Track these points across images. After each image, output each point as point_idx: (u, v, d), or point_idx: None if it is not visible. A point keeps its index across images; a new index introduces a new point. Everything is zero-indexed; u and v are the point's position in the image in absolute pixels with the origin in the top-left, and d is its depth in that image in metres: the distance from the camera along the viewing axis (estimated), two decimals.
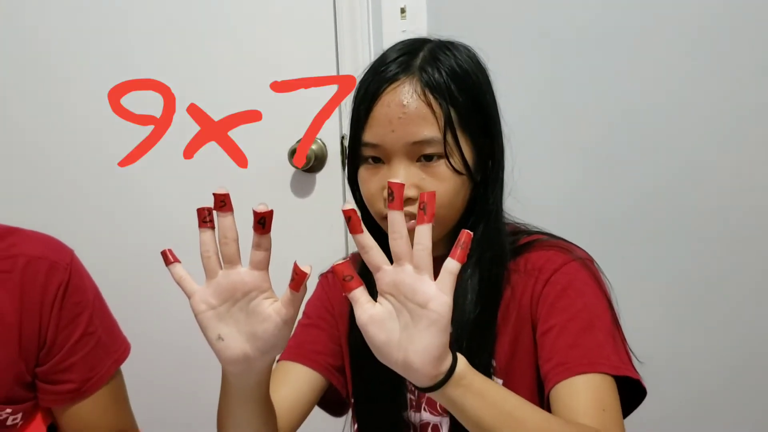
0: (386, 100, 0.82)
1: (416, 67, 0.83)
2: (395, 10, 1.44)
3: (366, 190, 0.86)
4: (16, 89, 1.66)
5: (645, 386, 0.82)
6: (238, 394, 0.76)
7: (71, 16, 1.62)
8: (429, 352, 0.62)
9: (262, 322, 0.68)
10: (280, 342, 0.70)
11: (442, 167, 0.82)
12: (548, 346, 0.82)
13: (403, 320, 0.64)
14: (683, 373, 1.40)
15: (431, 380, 0.64)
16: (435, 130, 0.81)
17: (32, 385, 0.97)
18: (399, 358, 0.64)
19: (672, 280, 1.39)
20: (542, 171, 1.36)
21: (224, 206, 0.67)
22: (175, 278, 0.70)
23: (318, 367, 0.95)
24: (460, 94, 0.83)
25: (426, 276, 0.63)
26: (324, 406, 1.04)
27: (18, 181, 1.69)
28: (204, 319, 0.69)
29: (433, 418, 0.91)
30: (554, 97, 1.38)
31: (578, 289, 0.84)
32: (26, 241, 0.95)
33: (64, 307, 0.94)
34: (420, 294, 0.63)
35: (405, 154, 0.82)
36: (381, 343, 0.64)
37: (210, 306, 0.69)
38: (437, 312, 0.62)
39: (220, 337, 0.69)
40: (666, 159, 1.36)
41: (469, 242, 0.63)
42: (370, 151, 0.84)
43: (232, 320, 0.69)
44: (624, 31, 1.34)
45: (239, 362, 0.70)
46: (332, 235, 1.56)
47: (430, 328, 0.62)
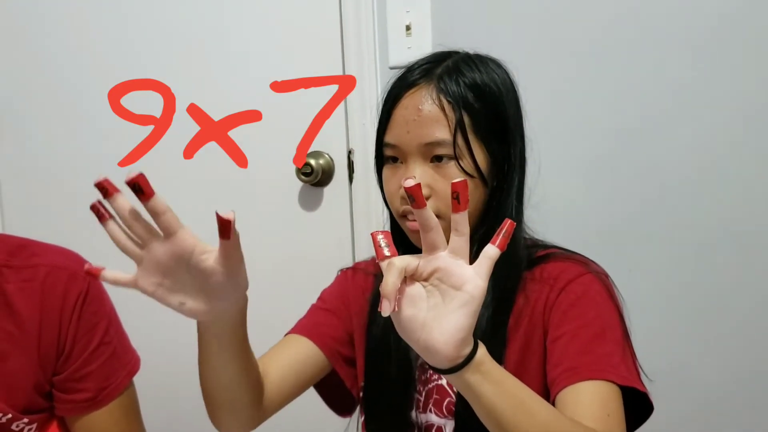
0: (405, 104, 0.87)
1: (436, 75, 0.88)
2: (400, 27, 1.47)
3: (386, 189, 0.91)
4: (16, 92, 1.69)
5: (652, 401, 0.84)
6: (213, 342, 0.77)
7: (72, 16, 1.65)
8: (454, 333, 0.63)
9: (209, 277, 0.67)
10: (239, 283, 0.69)
11: (452, 168, 0.85)
12: (558, 353, 0.84)
13: (433, 301, 0.65)
14: (689, 384, 1.40)
15: (450, 363, 0.65)
16: (446, 132, 0.85)
17: (49, 394, 0.98)
18: (421, 337, 0.64)
19: (678, 289, 1.40)
20: (547, 179, 1.36)
21: (107, 192, 0.64)
22: (111, 282, 0.69)
23: (324, 347, 0.96)
24: (475, 101, 0.87)
25: (462, 261, 0.64)
26: (331, 404, 1.05)
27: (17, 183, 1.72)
28: (159, 296, 0.69)
29: (439, 420, 0.92)
30: (558, 108, 1.40)
31: (592, 300, 0.86)
32: (45, 252, 0.98)
33: (82, 316, 0.96)
34: (456, 276, 0.64)
35: (419, 155, 0.86)
36: (407, 318, 0.65)
37: (157, 284, 0.68)
38: (470, 294, 0.63)
39: (182, 303, 0.69)
40: (672, 168, 1.37)
41: (511, 231, 0.65)
42: (390, 151, 0.89)
43: (182, 286, 0.68)
44: (630, 39, 1.36)
45: (207, 314, 0.70)
46: (340, 248, 1.57)
47: (460, 309, 0.63)
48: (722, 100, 1.33)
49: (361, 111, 1.51)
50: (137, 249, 0.67)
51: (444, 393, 0.92)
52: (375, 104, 1.48)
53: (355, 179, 1.55)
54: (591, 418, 0.76)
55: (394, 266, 0.63)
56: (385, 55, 1.49)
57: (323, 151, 1.54)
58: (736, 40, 1.31)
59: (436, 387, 0.93)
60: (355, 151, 1.53)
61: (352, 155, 1.54)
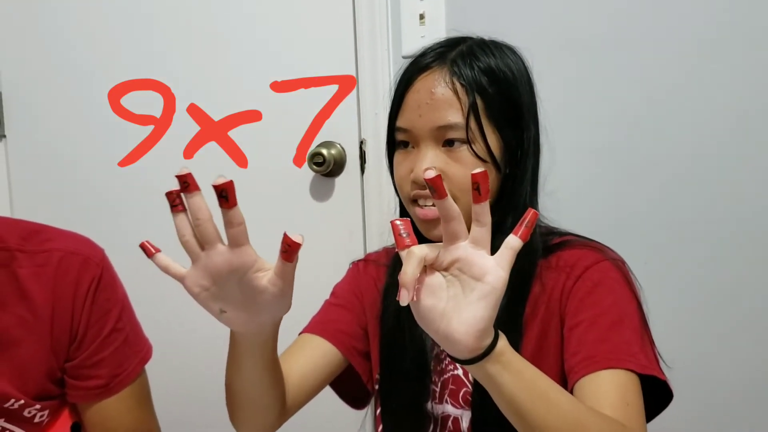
0: (417, 87, 0.87)
1: (449, 59, 0.87)
2: (414, 16, 1.45)
3: (397, 174, 0.90)
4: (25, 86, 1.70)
5: (672, 389, 0.83)
6: (245, 353, 0.77)
7: (72, 16, 1.65)
8: (474, 324, 0.63)
9: (258, 295, 0.67)
10: (283, 307, 0.70)
11: (464, 152, 0.85)
12: (575, 341, 0.83)
13: (453, 291, 0.64)
14: (704, 379, 1.39)
15: (471, 353, 0.64)
16: (459, 116, 0.84)
17: (61, 381, 0.98)
18: (441, 327, 0.64)
19: (692, 282, 1.38)
20: (562, 167, 1.35)
21: (188, 187, 0.64)
22: (161, 268, 0.69)
23: (339, 345, 0.96)
24: (489, 86, 0.86)
25: (484, 251, 0.63)
26: (344, 398, 1.05)
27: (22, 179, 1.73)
28: (202, 300, 0.69)
29: (456, 411, 0.92)
30: (572, 97, 1.39)
31: (609, 287, 0.85)
32: (59, 237, 0.97)
33: (95, 301, 0.96)
34: (477, 267, 0.63)
35: (431, 139, 0.85)
36: (426, 308, 0.64)
37: (203, 287, 0.68)
38: (491, 285, 0.62)
39: (222, 311, 0.69)
40: (686, 160, 1.36)
41: (534, 221, 0.64)
42: (402, 135, 0.88)
43: (228, 296, 0.68)
44: (645, 28, 1.35)
45: (246, 326, 0.71)
46: (351, 240, 1.56)
47: (480, 300, 0.63)
48: (743, 90, 1.31)
49: (374, 101, 1.50)
50: (198, 248, 0.67)
51: (460, 383, 0.91)
52: (388, 94, 1.48)
53: (367, 170, 1.54)
54: (610, 407, 0.75)
55: (414, 255, 0.63)
56: (398, 44, 1.48)
57: (335, 141, 1.53)
58: (751, 29, 1.29)
59: (452, 377, 0.92)
60: (367, 141, 1.52)
61: (364, 145, 1.53)
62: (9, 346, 0.92)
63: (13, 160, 1.77)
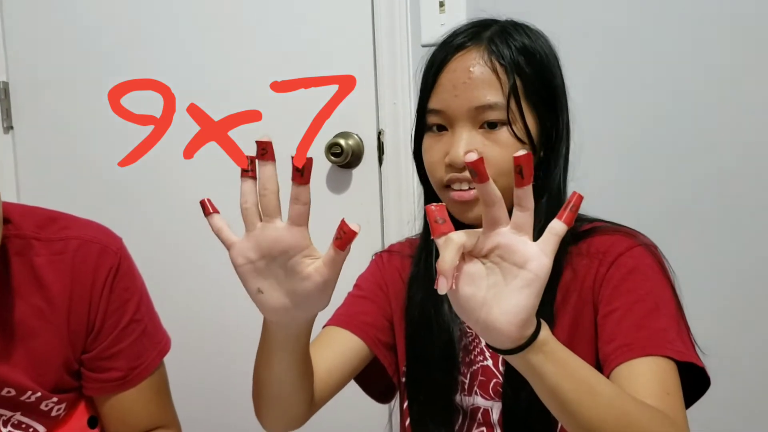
0: (452, 67, 0.84)
1: (485, 38, 0.84)
2: (434, 3, 1.43)
3: (428, 158, 0.87)
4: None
5: (709, 375, 0.80)
6: (277, 345, 0.75)
7: (73, 13, 1.67)
8: (517, 314, 0.60)
9: (301, 281, 0.65)
10: (322, 301, 0.68)
11: (504, 134, 0.82)
12: (610, 328, 0.80)
13: (493, 279, 0.62)
14: (738, 373, 1.35)
15: (513, 343, 0.62)
16: (499, 95, 0.82)
17: (77, 373, 0.96)
18: (481, 316, 0.61)
19: (725, 277, 1.35)
20: (592, 165, 1.33)
21: (266, 154, 0.64)
22: (214, 229, 0.68)
23: (365, 337, 0.93)
24: (527, 66, 0.84)
25: (526, 237, 0.61)
26: (370, 392, 1.02)
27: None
28: (243, 273, 0.67)
29: (485, 402, 0.89)
30: (597, 91, 1.36)
31: (644, 273, 0.83)
32: (77, 224, 0.95)
33: (113, 291, 0.93)
34: (519, 254, 0.60)
35: (468, 120, 0.82)
36: (466, 297, 0.62)
37: (248, 260, 0.66)
38: (534, 273, 0.60)
39: (260, 290, 0.67)
40: (718, 153, 1.33)
41: (579, 204, 0.61)
42: (435, 118, 0.85)
43: (271, 275, 0.67)
44: (674, 17, 1.32)
45: (279, 313, 0.69)
46: (369, 232, 1.54)
47: (523, 289, 0.60)
48: None
49: (392, 90, 1.47)
50: (257, 219, 0.66)
51: (490, 374, 0.89)
52: (407, 83, 1.46)
53: (385, 161, 1.51)
54: (650, 396, 0.72)
55: (452, 242, 0.60)
56: (417, 32, 1.45)
57: (352, 131, 1.51)
58: None
59: (482, 368, 0.90)
60: (385, 131, 1.49)
61: (383, 136, 1.50)
62: (25, 337, 0.90)
63: (21, 152, 1.78)
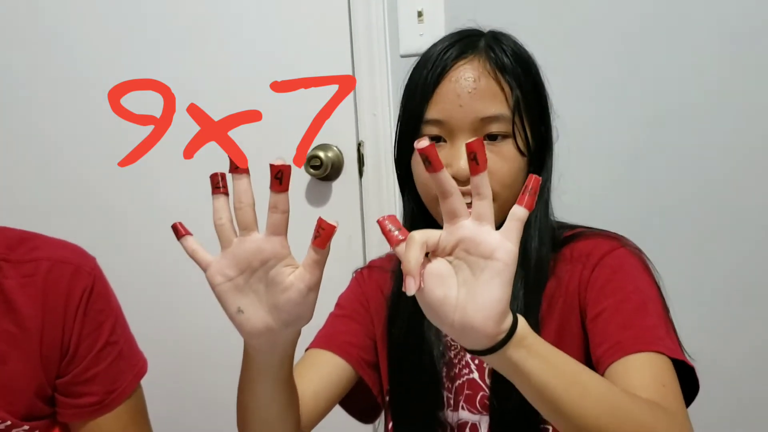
0: (454, 76, 0.82)
1: (482, 46, 0.84)
2: (412, 13, 1.42)
3: (421, 173, 0.84)
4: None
5: (698, 378, 0.78)
6: (260, 371, 0.72)
7: (73, 13, 1.63)
8: (491, 307, 0.57)
9: (283, 292, 0.63)
10: (305, 312, 0.66)
11: (508, 146, 0.82)
12: (600, 330, 0.79)
13: (462, 277, 0.59)
14: (729, 379, 1.35)
15: (491, 340, 0.59)
16: (505, 107, 0.81)
17: (51, 399, 0.92)
18: (456, 318, 0.58)
19: (715, 281, 1.35)
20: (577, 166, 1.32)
21: (239, 168, 0.63)
22: (188, 251, 0.67)
23: (349, 359, 0.91)
24: (525, 78, 0.83)
25: (488, 226, 0.58)
26: (353, 412, 1.00)
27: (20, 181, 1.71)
28: (221, 292, 0.65)
29: (472, 416, 0.87)
30: (580, 100, 1.35)
31: (628, 272, 0.82)
32: (48, 245, 0.92)
33: (87, 313, 0.90)
34: (484, 244, 0.58)
35: (471, 131, 0.81)
36: (437, 301, 0.59)
37: (227, 277, 0.65)
38: (502, 261, 0.57)
39: (240, 310, 0.65)
40: (710, 158, 1.32)
41: (537, 188, 0.59)
42: (433, 129, 0.83)
43: (251, 291, 0.65)
44: (663, 28, 1.32)
45: (261, 335, 0.66)
46: (350, 245, 1.52)
47: (493, 279, 0.57)
48: (763, 91, 1.28)
49: (372, 101, 1.46)
50: (232, 234, 0.65)
51: (476, 387, 0.87)
52: (386, 94, 1.44)
53: (365, 173, 1.49)
54: (645, 389, 0.70)
55: (414, 240, 0.58)
56: (395, 42, 1.44)
57: (332, 143, 1.49)
58: None
59: (467, 382, 0.88)
60: (365, 143, 1.47)
61: (363, 148, 1.48)
62: None
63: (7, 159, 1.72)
